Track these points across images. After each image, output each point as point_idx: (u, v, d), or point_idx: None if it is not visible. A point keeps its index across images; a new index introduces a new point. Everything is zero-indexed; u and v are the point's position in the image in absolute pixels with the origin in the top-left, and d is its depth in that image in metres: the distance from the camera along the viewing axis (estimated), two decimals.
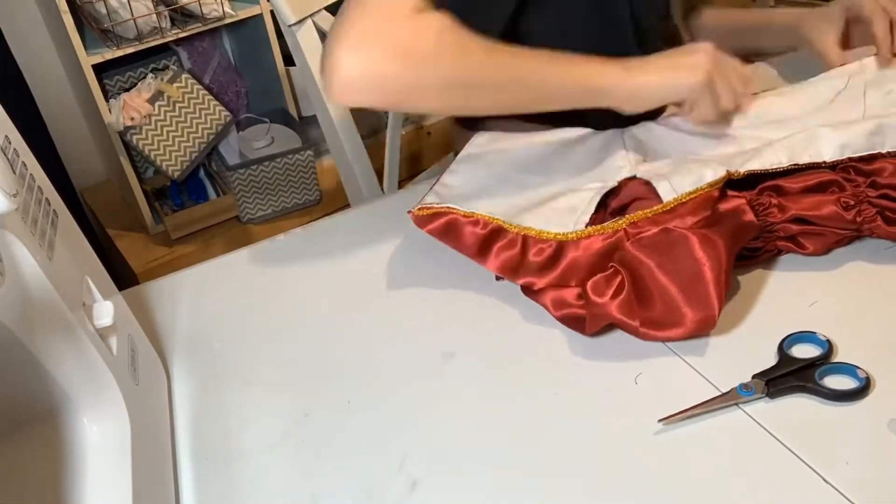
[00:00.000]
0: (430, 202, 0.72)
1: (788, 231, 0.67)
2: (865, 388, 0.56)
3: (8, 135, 0.50)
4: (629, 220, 0.65)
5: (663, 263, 0.62)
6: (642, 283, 0.63)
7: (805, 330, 0.61)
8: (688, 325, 0.61)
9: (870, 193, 0.66)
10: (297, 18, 1.01)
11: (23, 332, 0.46)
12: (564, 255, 0.66)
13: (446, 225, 0.70)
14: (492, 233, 0.68)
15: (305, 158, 1.90)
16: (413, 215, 0.72)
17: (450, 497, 0.55)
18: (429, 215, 0.71)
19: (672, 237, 0.63)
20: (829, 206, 0.65)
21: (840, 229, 0.66)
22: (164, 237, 1.89)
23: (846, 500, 0.50)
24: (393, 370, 0.65)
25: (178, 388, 0.67)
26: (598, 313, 0.62)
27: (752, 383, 0.57)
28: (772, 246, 0.68)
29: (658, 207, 0.65)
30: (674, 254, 0.62)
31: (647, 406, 0.58)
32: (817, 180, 0.67)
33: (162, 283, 0.79)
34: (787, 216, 0.66)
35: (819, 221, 0.66)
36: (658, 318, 0.61)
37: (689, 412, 0.56)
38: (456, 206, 0.70)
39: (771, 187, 0.68)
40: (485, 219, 0.69)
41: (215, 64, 2.02)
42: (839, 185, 0.66)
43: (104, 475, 0.51)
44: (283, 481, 0.57)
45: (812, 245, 0.67)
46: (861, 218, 0.65)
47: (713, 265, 0.61)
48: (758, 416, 0.56)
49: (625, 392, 0.60)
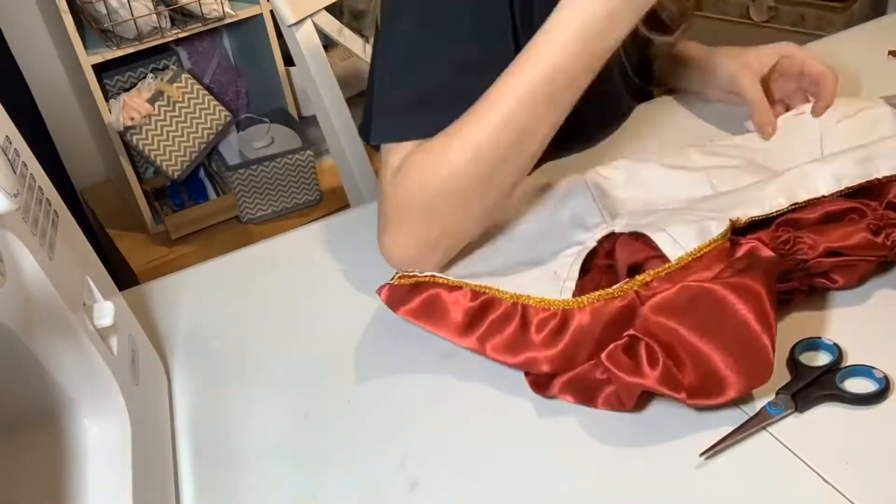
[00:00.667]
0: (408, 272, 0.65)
1: (821, 266, 0.63)
2: (886, 388, 0.56)
3: (8, 135, 0.50)
4: (640, 283, 0.59)
5: (689, 323, 0.56)
6: (670, 350, 0.56)
7: (811, 336, 0.61)
8: (736, 387, 0.54)
9: (891, 215, 0.64)
10: (296, 19, 1.01)
11: (23, 332, 0.46)
12: (570, 324, 0.59)
13: (427, 302, 0.62)
14: (483, 305, 0.61)
15: (305, 158, 1.90)
16: (388, 289, 0.64)
17: (450, 497, 0.55)
18: (409, 286, 0.63)
19: (694, 293, 0.56)
20: (859, 234, 0.62)
21: (871, 257, 0.63)
22: (164, 237, 1.89)
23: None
24: (393, 370, 0.65)
25: (178, 388, 0.67)
26: (632, 385, 0.56)
27: (779, 400, 0.56)
28: (805, 285, 0.63)
29: (672, 264, 0.60)
30: (700, 310, 0.56)
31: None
32: (833, 209, 0.65)
33: (162, 283, 0.79)
34: (820, 251, 0.62)
35: (851, 252, 0.62)
36: (697, 384, 0.55)
37: (727, 441, 0.54)
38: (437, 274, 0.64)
39: (786, 222, 0.65)
40: (474, 288, 0.62)
41: (215, 64, 2.02)
42: (858, 211, 0.65)
43: (104, 475, 0.51)
44: (283, 481, 0.57)
45: (842, 278, 0.64)
46: (890, 241, 0.63)
47: (749, 305, 0.55)
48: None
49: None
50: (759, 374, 0.55)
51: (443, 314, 0.62)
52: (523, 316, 0.60)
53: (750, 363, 0.54)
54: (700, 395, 0.55)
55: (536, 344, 0.59)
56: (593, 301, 0.59)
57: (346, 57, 1.97)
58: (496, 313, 0.61)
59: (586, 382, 0.58)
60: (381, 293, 0.64)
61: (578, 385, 0.59)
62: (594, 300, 0.59)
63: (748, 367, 0.54)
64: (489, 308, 0.61)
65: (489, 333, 0.60)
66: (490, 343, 0.60)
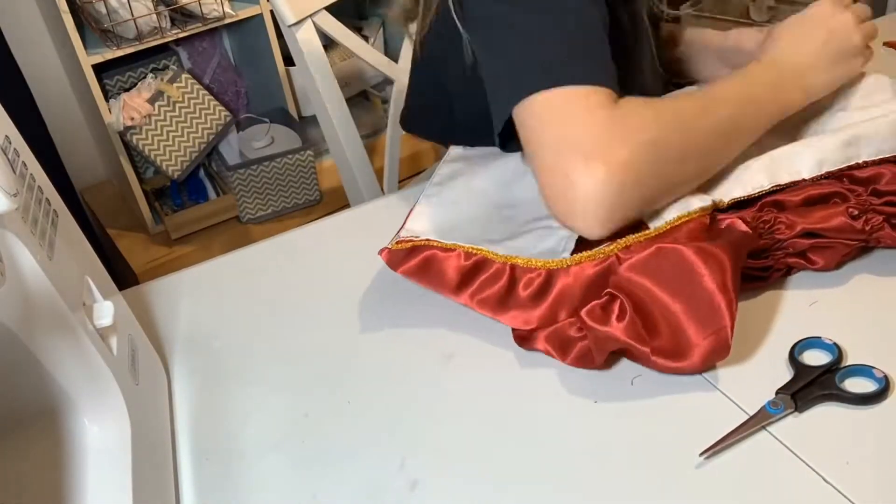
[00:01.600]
0: (403, 236, 0.68)
1: (798, 246, 0.65)
2: (886, 388, 0.56)
3: (8, 135, 0.50)
4: (621, 245, 0.62)
5: (662, 282, 0.59)
6: (643, 307, 0.59)
7: (810, 336, 0.61)
8: (700, 352, 0.57)
9: (873, 201, 0.65)
10: (296, 19, 1.01)
11: (23, 332, 0.46)
12: (554, 284, 0.63)
13: (424, 261, 0.66)
14: (476, 265, 0.65)
15: (305, 158, 1.90)
16: (387, 252, 0.68)
17: (450, 497, 0.55)
18: (406, 250, 0.67)
19: (666, 253, 0.60)
20: (837, 218, 0.64)
21: (849, 240, 0.65)
22: (164, 237, 1.89)
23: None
24: (393, 370, 0.65)
25: (178, 388, 0.67)
26: (603, 337, 0.59)
27: (779, 400, 0.56)
28: (781, 264, 0.66)
29: (650, 231, 0.63)
30: (671, 271, 0.59)
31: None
32: (818, 192, 0.66)
33: (162, 283, 0.79)
34: (796, 231, 0.64)
35: (829, 234, 0.64)
36: (667, 346, 0.58)
37: (726, 440, 0.54)
38: (432, 238, 0.67)
39: (771, 203, 0.67)
40: (467, 250, 0.65)
41: (215, 64, 2.02)
42: (841, 195, 0.66)
43: (104, 475, 0.51)
44: (283, 481, 0.57)
45: (822, 259, 0.65)
46: (869, 227, 0.64)
47: (714, 275, 0.58)
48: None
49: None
50: (716, 344, 0.57)
51: (438, 272, 0.65)
52: (511, 275, 0.64)
53: (705, 327, 0.58)
54: (664, 355, 0.58)
55: (522, 301, 0.63)
56: (576, 262, 0.63)
57: (346, 57, 1.97)
58: (487, 273, 0.64)
59: (562, 337, 0.62)
60: (382, 254, 0.68)
61: (555, 339, 0.62)
62: (577, 261, 0.63)
63: (706, 332, 0.57)
64: (481, 268, 0.65)
65: (479, 290, 0.64)
66: (479, 298, 0.64)
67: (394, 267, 0.67)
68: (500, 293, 0.64)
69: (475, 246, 0.65)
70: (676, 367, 0.58)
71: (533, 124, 0.63)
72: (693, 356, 0.57)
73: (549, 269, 0.63)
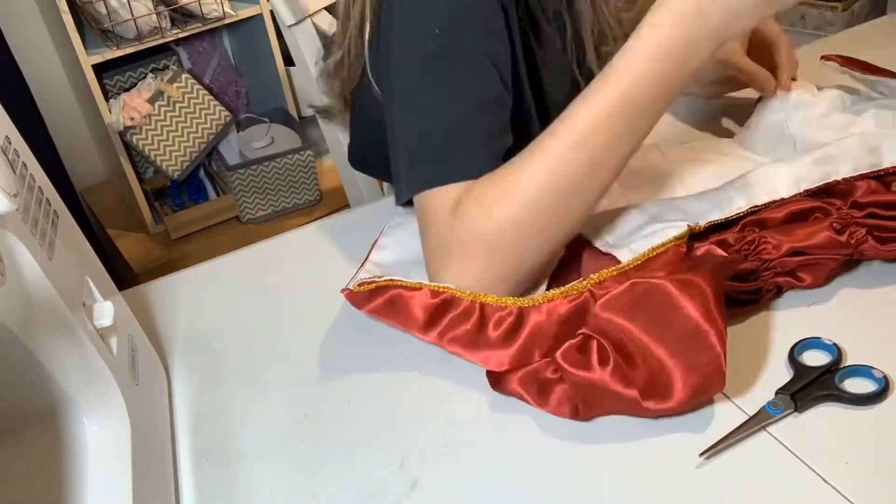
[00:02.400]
0: (365, 278, 0.65)
1: (786, 265, 0.63)
2: (886, 388, 0.56)
3: (8, 135, 0.50)
4: (594, 281, 0.60)
5: (640, 320, 0.56)
6: (622, 348, 0.56)
7: (810, 336, 0.61)
8: (688, 389, 0.54)
9: (855, 214, 0.64)
10: (295, 19, 1.01)
11: (23, 332, 0.46)
12: (526, 322, 0.60)
13: (389, 301, 0.63)
14: (444, 303, 0.62)
15: (305, 158, 1.90)
16: (349, 293, 0.65)
17: (450, 497, 0.55)
18: (369, 292, 0.64)
19: (642, 288, 0.57)
20: (822, 233, 0.63)
21: (836, 255, 0.64)
22: (164, 237, 1.89)
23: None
24: (393, 370, 0.65)
25: (178, 388, 0.67)
26: (584, 384, 0.56)
27: (778, 400, 0.56)
28: (771, 284, 0.64)
29: (623, 265, 0.61)
30: (649, 307, 0.56)
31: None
32: (799, 208, 0.65)
33: (162, 283, 0.79)
34: (783, 251, 0.63)
35: (815, 251, 0.63)
36: (651, 388, 0.55)
37: (726, 441, 0.54)
38: (398, 276, 0.65)
39: (753, 222, 0.65)
40: (434, 288, 0.62)
41: (215, 64, 2.03)
42: (823, 210, 0.65)
43: (104, 475, 0.51)
44: (283, 481, 0.58)
45: (809, 276, 0.64)
46: (854, 240, 0.63)
47: (697, 305, 0.55)
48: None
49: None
50: (713, 381, 0.54)
51: (406, 310, 0.63)
52: (481, 314, 0.61)
53: (701, 369, 0.54)
54: (651, 395, 0.55)
55: (493, 341, 0.60)
56: (548, 299, 0.60)
57: None
58: (455, 311, 0.62)
59: (539, 379, 0.59)
60: (344, 294, 0.65)
61: (531, 381, 0.59)
62: (549, 298, 0.60)
63: (698, 373, 0.54)
64: (449, 306, 0.62)
65: (449, 329, 0.62)
66: (448, 338, 0.62)
67: (358, 306, 0.65)
68: (470, 332, 0.61)
69: (441, 284, 0.63)
70: (665, 408, 0.55)
71: (418, 218, 0.69)
72: (680, 394, 0.54)
73: (520, 306, 0.61)
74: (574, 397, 0.57)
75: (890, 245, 0.63)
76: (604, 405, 0.57)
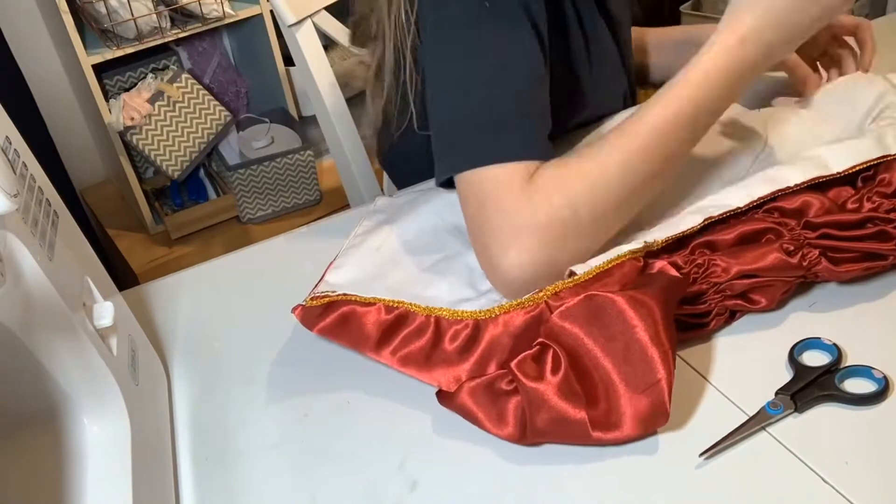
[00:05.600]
0: (318, 292, 0.64)
1: (736, 289, 0.61)
2: (886, 388, 0.56)
3: (8, 135, 0.50)
4: (550, 292, 0.59)
5: (593, 333, 0.56)
6: (576, 359, 0.56)
7: (810, 336, 0.61)
8: (634, 416, 0.54)
9: (808, 235, 0.62)
10: (296, 19, 1.01)
11: (23, 332, 0.46)
12: (483, 335, 0.59)
13: (341, 318, 0.62)
14: (398, 318, 0.61)
15: (305, 158, 1.90)
16: (301, 309, 0.64)
17: (450, 497, 0.55)
18: (321, 307, 0.63)
19: (598, 301, 0.56)
20: (772, 255, 0.61)
21: (788, 278, 0.62)
22: (164, 237, 1.89)
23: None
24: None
25: (178, 388, 0.67)
26: (535, 398, 0.55)
27: (778, 400, 0.56)
28: (720, 307, 0.62)
29: (579, 277, 0.60)
30: (603, 320, 0.56)
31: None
32: (750, 228, 0.64)
33: (162, 283, 0.79)
34: (732, 274, 0.61)
35: (765, 273, 0.61)
36: (601, 413, 0.54)
37: (726, 441, 0.54)
38: (353, 292, 0.63)
39: (703, 244, 0.64)
40: (387, 303, 0.61)
41: (215, 64, 2.03)
42: (775, 231, 0.63)
43: (104, 475, 0.51)
44: (283, 481, 0.58)
45: (764, 298, 0.62)
46: (806, 262, 0.62)
47: (648, 327, 0.55)
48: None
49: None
50: (656, 409, 0.54)
51: (358, 329, 0.62)
52: (436, 328, 0.60)
53: (646, 394, 0.54)
54: (601, 425, 0.54)
55: (448, 355, 0.59)
56: (504, 311, 0.60)
57: (346, 57, 1.97)
58: (410, 327, 0.61)
59: (492, 391, 0.57)
60: (295, 312, 0.64)
61: (484, 392, 0.57)
62: (506, 310, 0.60)
63: (646, 397, 0.54)
64: (403, 322, 0.61)
65: (402, 346, 0.61)
66: (400, 355, 0.61)
67: (309, 326, 0.63)
68: (424, 349, 0.60)
69: (396, 299, 0.62)
70: (611, 437, 0.54)
71: (461, 199, 0.67)
72: (627, 424, 0.54)
73: (476, 319, 0.60)
74: (524, 409, 0.55)
75: (844, 266, 0.62)
76: (552, 428, 0.55)
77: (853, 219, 0.63)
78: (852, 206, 0.65)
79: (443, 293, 0.65)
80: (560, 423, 0.54)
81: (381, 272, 0.68)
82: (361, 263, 0.69)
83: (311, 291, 0.67)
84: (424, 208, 0.75)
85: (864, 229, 0.63)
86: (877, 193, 0.65)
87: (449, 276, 0.67)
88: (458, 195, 0.68)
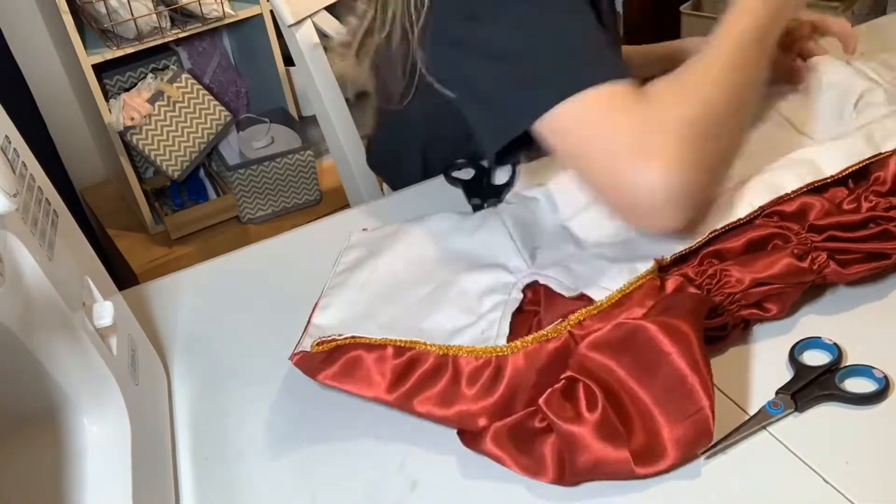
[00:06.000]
0: (323, 338, 0.60)
1: (751, 298, 0.60)
2: (886, 388, 0.56)
3: (8, 135, 0.50)
4: (573, 322, 0.57)
5: (627, 364, 0.54)
6: (611, 393, 0.54)
7: (810, 336, 0.61)
8: (677, 445, 0.52)
9: (814, 238, 0.62)
10: (296, 19, 1.01)
11: (23, 332, 0.46)
12: (504, 372, 0.56)
13: (347, 364, 0.58)
14: (410, 361, 0.57)
15: (305, 158, 1.90)
16: (301, 356, 0.59)
17: (450, 497, 0.55)
18: (327, 352, 0.59)
19: (627, 330, 0.54)
20: (783, 261, 0.60)
21: (800, 283, 0.62)
22: (164, 237, 1.89)
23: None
24: None
25: (178, 388, 0.67)
26: (569, 440, 0.52)
27: (779, 400, 0.56)
28: (737, 318, 0.61)
29: (601, 303, 0.58)
30: (635, 349, 0.54)
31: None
32: (758, 235, 0.63)
33: (162, 283, 0.79)
34: (747, 284, 0.60)
35: (778, 280, 0.60)
36: (641, 446, 0.52)
37: (727, 441, 0.54)
38: (359, 333, 0.59)
39: (711, 254, 0.63)
40: (399, 344, 0.58)
41: (215, 64, 2.03)
42: (781, 236, 0.63)
43: (104, 475, 0.51)
44: (282, 481, 0.58)
45: (776, 306, 0.61)
46: (816, 266, 0.61)
47: (683, 354, 0.53)
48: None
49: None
50: (700, 435, 0.52)
51: (367, 374, 0.58)
52: (455, 367, 0.57)
53: (687, 422, 0.52)
54: (643, 459, 0.52)
55: (470, 396, 0.56)
56: (527, 345, 0.57)
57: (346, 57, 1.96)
58: (424, 367, 0.57)
59: (524, 432, 0.55)
60: (293, 360, 0.60)
61: (515, 435, 0.55)
62: (527, 344, 0.57)
63: (684, 426, 0.52)
64: (417, 363, 0.58)
65: (418, 389, 0.57)
66: (418, 399, 0.57)
67: (311, 374, 0.59)
68: (442, 390, 0.56)
69: (408, 339, 0.58)
70: (656, 470, 0.52)
71: (565, 136, 0.62)
72: (669, 453, 0.52)
73: (496, 355, 0.56)
74: (562, 451, 0.53)
75: (851, 268, 0.62)
76: (593, 469, 0.53)
77: (856, 219, 0.63)
78: (849, 206, 0.65)
79: (441, 323, 0.62)
80: (602, 464, 0.52)
81: (371, 310, 0.64)
82: (348, 302, 0.66)
83: (300, 339, 0.63)
84: (407, 240, 0.72)
85: (867, 229, 0.63)
86: (872, 192, 0.65)
87: (444, 305, 0.63)
88: (553, 138, 0.62)
